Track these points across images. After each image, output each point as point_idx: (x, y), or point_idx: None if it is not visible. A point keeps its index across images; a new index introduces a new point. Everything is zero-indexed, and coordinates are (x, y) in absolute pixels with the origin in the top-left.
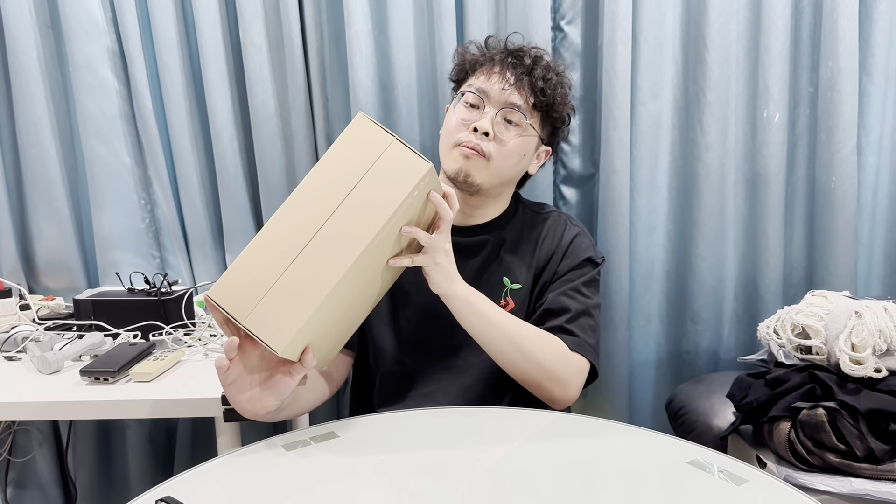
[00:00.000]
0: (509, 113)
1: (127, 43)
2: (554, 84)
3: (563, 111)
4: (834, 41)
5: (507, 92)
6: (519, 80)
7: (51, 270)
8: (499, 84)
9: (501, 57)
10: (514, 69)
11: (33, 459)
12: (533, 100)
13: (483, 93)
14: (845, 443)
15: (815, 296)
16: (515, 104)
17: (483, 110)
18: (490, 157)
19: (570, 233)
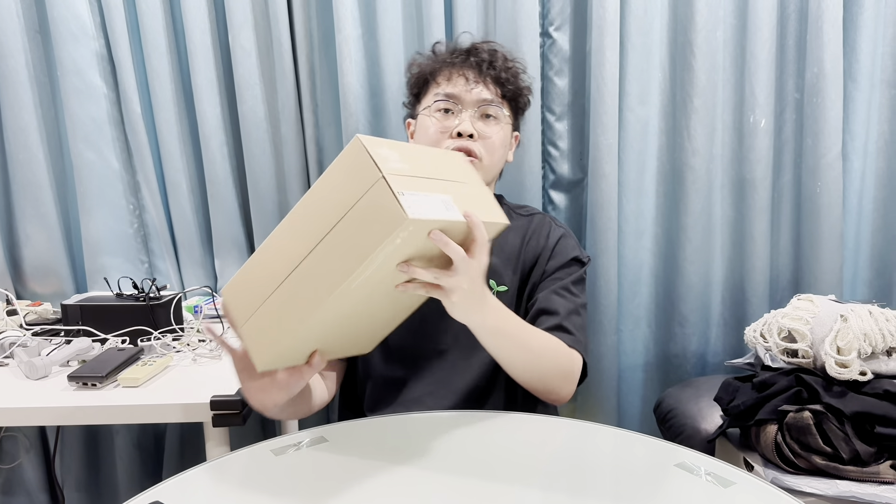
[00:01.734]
0: (485, 109)
1: (115, 47)
2: (515, 72)
3: (527, 95)
4: (819, 47)
5: (477, 89)
6: (484, 75)
7: (38, 275)
8: (466, 84)
9: (460, 58)
10: (476, 66)
11: (20, 466)
12: (501, 90)
13: (453, 97)
14: (831, 445)
15: (801, 299)
16: (488, 99)
17: (458, 114)
18: (481, 157)
19: (555, 233)
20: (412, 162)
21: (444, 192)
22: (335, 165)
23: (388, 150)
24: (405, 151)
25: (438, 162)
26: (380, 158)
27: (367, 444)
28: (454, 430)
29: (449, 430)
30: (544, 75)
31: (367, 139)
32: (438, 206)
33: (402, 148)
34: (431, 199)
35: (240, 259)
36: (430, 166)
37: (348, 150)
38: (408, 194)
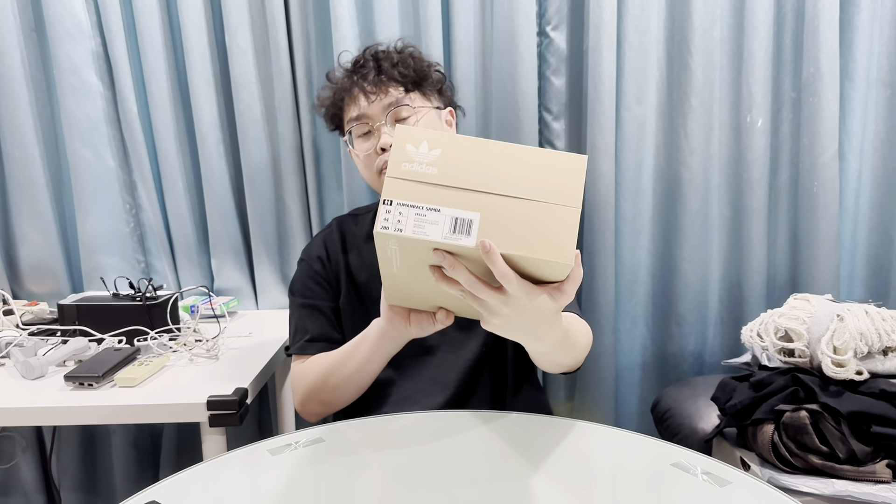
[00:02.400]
0: (395, 113)
1: (112, 46)
2: (405, 58)
3: (431, 72)
4: (816, 47)
5: (378, 98)
6: (377, 81)
7: (35, 275)
8: (366, 99)
9: (350, 79)
10: (365, 76)
11: (17, 466)
12: (401, 85)
13: (361, 117)
14: (828, 445)
15: (798, 299)
16: (392, 102)
17: (375, 131)
18: None
19: None
20: (455, 165)
21: (473, 208)
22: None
23: (429, 145)
24: (458, 150)
25: (507, 167)
26: (402, 155)
27: (363, 444)
28: (450, 430)
29: (445, 430)
30: (541, 74)
31: (406, 130)
32: (442, 226)
33: (458, 145)
34: (437, 216)
35: (236, 258)
36: (482, 172)
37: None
38: (399, 204)
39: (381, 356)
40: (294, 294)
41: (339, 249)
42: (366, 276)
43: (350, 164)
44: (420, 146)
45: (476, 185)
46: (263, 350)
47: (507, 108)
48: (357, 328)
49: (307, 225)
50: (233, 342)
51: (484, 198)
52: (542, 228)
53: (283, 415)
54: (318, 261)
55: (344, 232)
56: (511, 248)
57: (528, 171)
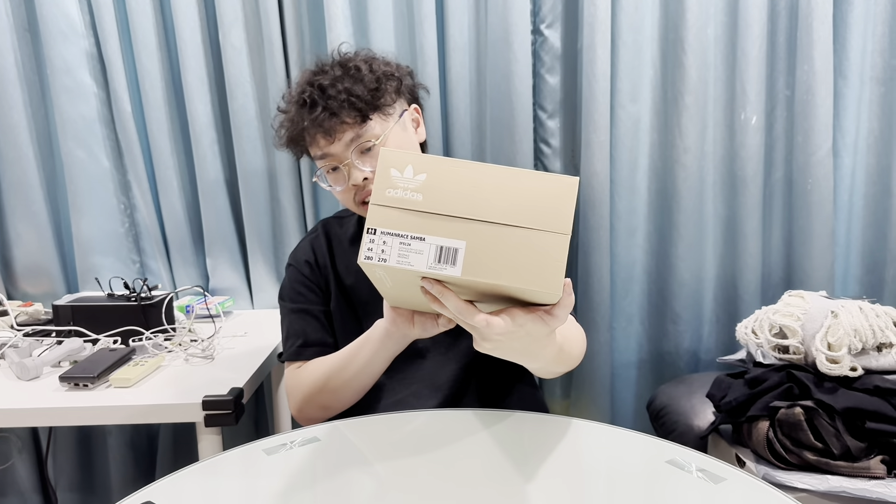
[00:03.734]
0: (359, 146)
1: (105, 46)
2: (352, 81)
3: (382, 84)
4: (809, 45)
5: (338, 137)
6: (330, 122)
7: (29, 276)
8: (326, 139)
9: (304, 117)
10: (321, 114)
11: (13, 467)
12: (358, 115)
13: (325, 157)
14: (822, 441)
15: (793, 296)
16: (353, 138)
17: (343, 167)
18: None
19: None
20: (441, 190)
21: (458, 236)
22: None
23: (414, 169)
24: (444, 174)
25: (495, 191)
26: (386, 181)
27: (358, 444)
28: (445, 429)
29: (440, 429)
30: (536, 73)
31: (390, 154)
32: (425, 255)
33: (445, 169)
34: (422, 245)
35: (231, 258)
36: (469, 198)
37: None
38: (383, 233)
39: (385, 357)
40: (284, 300)
41: (326, 253)
42: (353, 278)
43: None
44: (405, 170)
45: (462, 211)
46: (259, 350)
47: (501, 106)
48: (347, 331)
49: (302, 224)
50: (228, 342)
51: (470, 225)
52: (530, 256)
53: (280, 414)
54: (306, 265)
55: (329, 235)
56: (497, 277)
57: (516, 196)
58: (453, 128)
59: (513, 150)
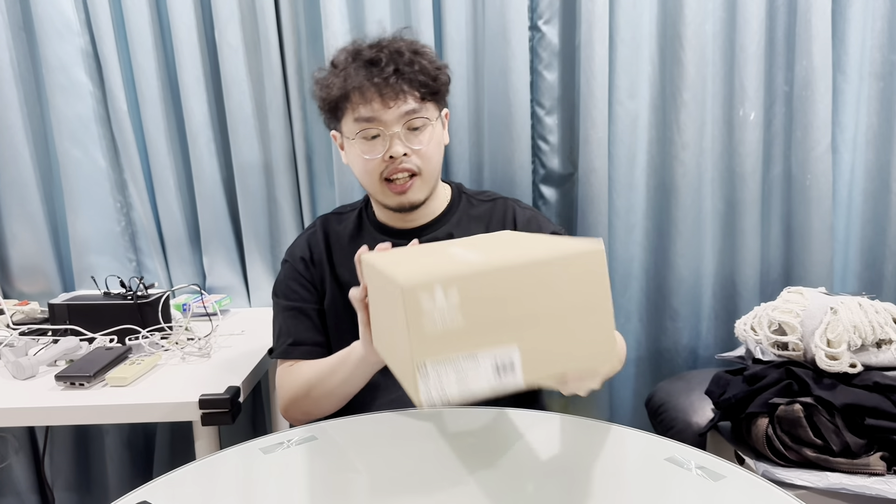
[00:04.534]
0: (410, 121)
1: (101, 44)
2: (425, 65)
3: (444, 78)
4: (808, 40)
5: (395, 105)
6: (396, 86)
7: (25, 275)
8: (381, 102)
9: (365, 73)
10: (384, 79)
11: (9, 467)
12: (418, 93)
13: (372, 120)
14: (822, 437)
15: (792, 292)
16: (409, 111)
17: (384, 134)
18: (420, 171)
19: (522, 216)
20: (477, 304)
21: (508, 343)
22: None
23: (443, 289)
24: (474, 286)
25: (528, 288)
26: (418, 311)
27: (355, 442)
28: (442, 427)
29: (436, 427)
30: (533, 69)
31: (411, 286)
32: (483, 373)
33: (473, 281)
34: (476, 363)
35: (228, 256)
36: (506, 302)
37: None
38: (434, 365)
39: (361, 377)
40: (278, 296)
41: (324, 249)
42: (350, 276)
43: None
44: (435, 294)
45: (505, 318)
46: (256, 348)
47: (499, 103)
48: (342, 329)
49: (299, 222)
50: (225, 340)
51: (516, 328)
52: (582, 338)
53: (277, 413)
54: (301, 262)
55: (328, 231)
56: (556, 368)
57: (550, 285)
58: (451, 125)
59: (511, 147)
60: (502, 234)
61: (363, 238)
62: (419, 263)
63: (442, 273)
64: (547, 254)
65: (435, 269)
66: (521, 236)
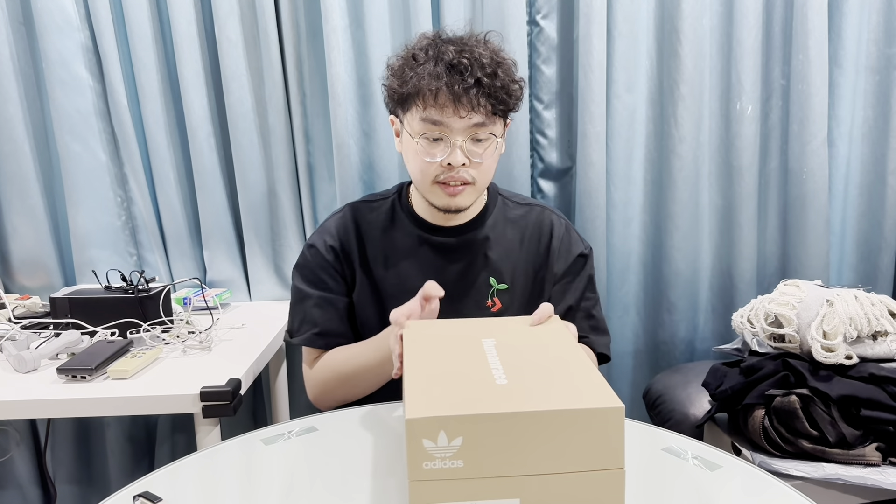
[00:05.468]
0: (476, 134)
1: (101, 39)
2: (505, 81)
3: (518, 94)
4: (804, 34)
5: (467, 115)
6: (473, 99)
7: (26, 269)
8: (454, 109)
9: (444, 76)
10: (465, 89)
11: (11, 460)
12: (491, 108)
13: (441, 124)
14: (818, 429)
15: (788, 285)
16: (479, 124)
17: (448, 141)
18: (475, 182)
19: (558, 230)
20: (481, 451)
21: (511, 495)
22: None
23: (447, 435)
24: (481, 433)
25: (539, 439)
26: (420, 453)
27: (355, 433)
28: None
29: None
30: (532, 64)
31: (417, 424)
32: None
33: (480, 428)
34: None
35: (228, 250)
36: (513, 452)
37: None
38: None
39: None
40: (304, 282)
41: (354, 240)
42: (382, 270)
43: (342, 156)
44: (438, 439)
45: (509, 469)
46: (257, 341)
47: None
48: (371, 322)
49: (299, 216)
50: (226, 333)
51: (520, 481)
52: (589, 498)
53: (278, 405)
54: (331, 251)
55: (358, 221)
56: None
57: (562, 439)
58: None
59: (509, 142)
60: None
61: (397, 230)
62: (441, 376)
63: (449, 419)
64: (564, 402)
65: (450, 395)
66: (559, 348)
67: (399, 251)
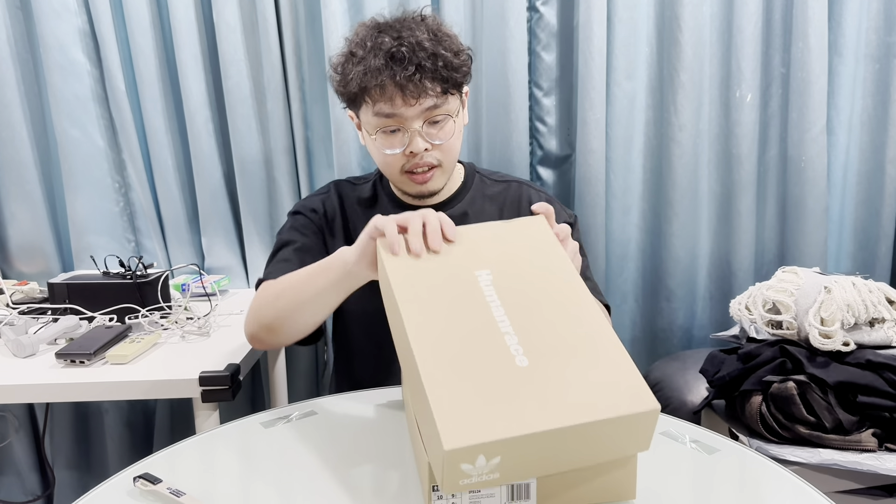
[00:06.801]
0: (431, 117)
1: (98, 24)
2: (448, 58)
3: (466, 66)
4: (804, 22)
5: (417, 102)
6: (420, 85)
7: (24, 255)
8: (403, 99)
9: (382, 71)
10: (413, 74)
11: (10, 445)
12: (440, 89)
13: (392, 116)
14: (815, 415)
15: (786, 272)
16: (432, 107)
17: (406, 130)
18: (441, 163)
19: (537, 200)
20: (518, 462)
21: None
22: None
23: (486, 457)
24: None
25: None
26: (457, 474)
27: (355, 418)
28: None
29: None
30: (531, 50)
31: (457, 453)
32: (497, 497)
33: (519, 447)
34: (494, 492)
35: (226, 237)
36: (548, 460)
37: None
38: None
39: (341, 291)
40: (282, 234)
41: (338, 208)
42: None
43: (341, 142)
44: (476, 462)
45: (541, 471)
46: None
47: (497, 84)
48: (351, 295)
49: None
50: (224, 320)
51: (546, 470)
52: (602, 470)
53: (276, 391)
54: (313, 213)
55: (342, 196)
56: (576, 500)
57: (597, 442)
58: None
59: (508, 129)
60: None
61: (378, 207)
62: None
63: (490, 444)
64: (604, 410)
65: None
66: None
67: None
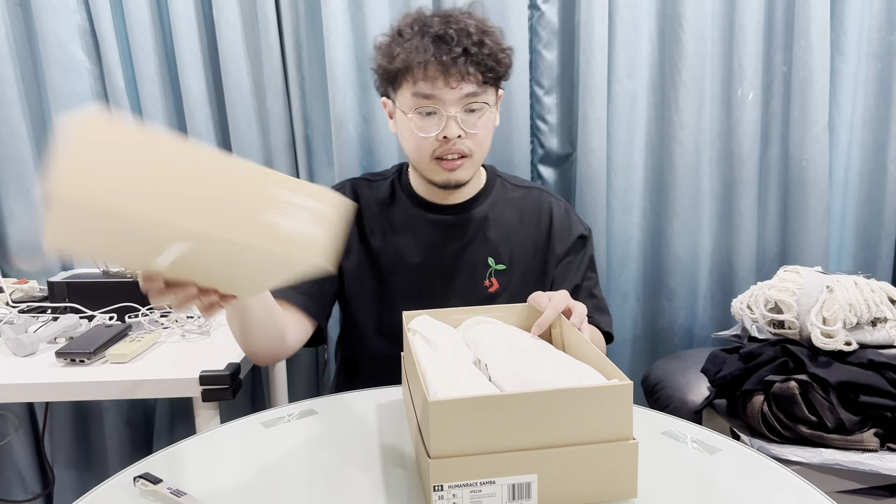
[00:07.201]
0: (469, 104)
1: (98, 21)
2: (493, 48)
3: (508, 62)
4: (806, 20)
5: (458, 86)
6: (463, 68)
7: (24, 253)
8: (444, 81)
9: (432, 49)
10: (452, 58)
11: (10, 444)
12: (482, 77)
13: (433, 97)
14: (816, 414)
15: (788, 271)
16: (471, 94)
17: (441, 114)
18: (472, 153)
19: (557, 212)
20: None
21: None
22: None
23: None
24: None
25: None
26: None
27: (355, 417)
28: None
29: None
30: (533, 48)
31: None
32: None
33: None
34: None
35: None
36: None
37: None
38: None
39: (238, 322)
40: None
41: (353, 210)
42: (379, 242)
43: (341, 140)
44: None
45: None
46: None
47: None
48: (367, 293)
49: None
50: (224, 319)
51: (538, 454)
52: (603, 470)
53: (276, 390)
54: None
55: (358, 194)
56: (574, 500)
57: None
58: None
59: (509, 127)
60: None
61: (396, 206)
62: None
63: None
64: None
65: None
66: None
67: (398, 227)
